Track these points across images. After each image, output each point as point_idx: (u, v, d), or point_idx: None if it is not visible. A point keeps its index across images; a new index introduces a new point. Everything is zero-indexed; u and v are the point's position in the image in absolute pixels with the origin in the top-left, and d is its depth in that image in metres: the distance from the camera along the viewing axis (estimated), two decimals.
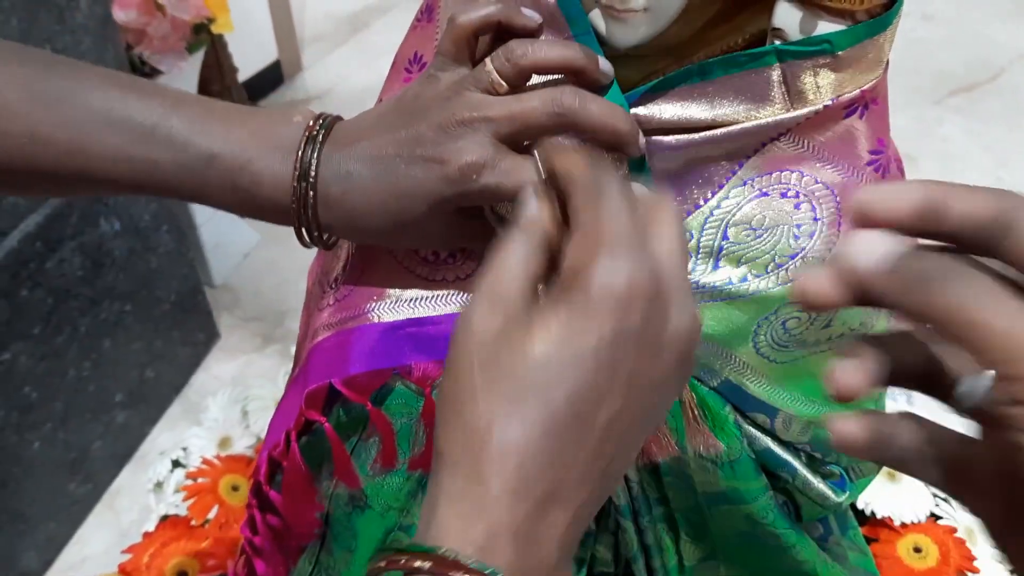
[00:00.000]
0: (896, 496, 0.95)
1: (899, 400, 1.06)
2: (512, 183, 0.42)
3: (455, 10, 0.45)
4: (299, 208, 0.44)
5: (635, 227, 0.31)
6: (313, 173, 0.44)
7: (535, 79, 0.45)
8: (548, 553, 0.29)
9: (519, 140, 0.43)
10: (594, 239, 0.30)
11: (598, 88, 0.44)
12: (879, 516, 0.94)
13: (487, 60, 0.43)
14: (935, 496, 0.97)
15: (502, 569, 0.28)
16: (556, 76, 0.45)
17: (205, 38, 1.40)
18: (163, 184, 0.45)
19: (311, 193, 0.44)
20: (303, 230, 0.46)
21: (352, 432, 0.52)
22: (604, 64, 0.44)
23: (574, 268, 0.30)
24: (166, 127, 0.44)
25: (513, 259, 0.32)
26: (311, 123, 0.45)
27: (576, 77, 0.44)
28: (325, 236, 0.46)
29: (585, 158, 0.34)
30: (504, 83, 0.43)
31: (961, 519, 0.95)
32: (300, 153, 0.44)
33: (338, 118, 0.47)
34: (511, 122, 0.42)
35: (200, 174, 0.44)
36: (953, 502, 0.96)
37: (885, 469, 0.77)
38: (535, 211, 0.33)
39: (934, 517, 0.96)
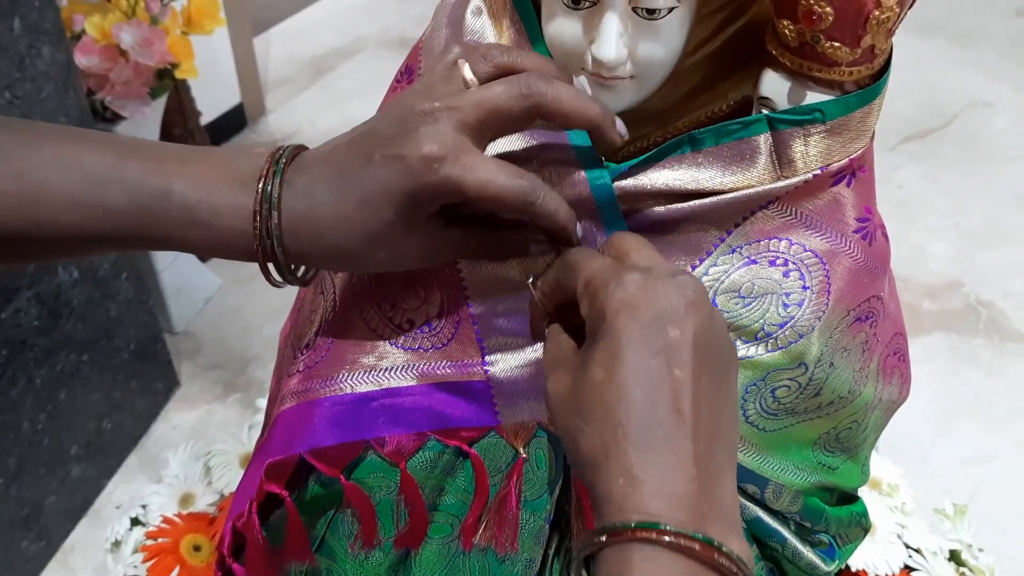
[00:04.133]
0: (870, 548, 0.94)
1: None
2: (474, 179, 0.39)
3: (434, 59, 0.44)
4: (262, 235, 0.42)
5: (607, 261, 0.39)
6: (276, 195, 0.42)
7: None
8: (722, 516, 0.34)
9: (488, 130, 0.41)
10: (588, 286, 0.38)
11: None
12: (853, 569, 0.94)
13: (459, 62, 0.41)
14: (908, 548, 0.97)
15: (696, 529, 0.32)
16: None
17: (168, 83, 1.38)
18: (120, 230, 0.43)
19: (274, 215, 0.41)
20: (269, 265, 0.43)
21: (328, 505, 0.50)
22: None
23: (588, 313, 0.38)
24: (120, 170, 0.42)
25: (554, 339, 0.41)
26: (275, 150, 0.43)
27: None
28: (293, 267, 0.44)
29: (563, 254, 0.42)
30: (477, 81, 0.41)
31: (935, 571, 0.95)
32: (262, 180, 0.42)
33: (303, 147, 0.44)
34: (477, 109, 0.40)
35: (156, 213, 0.42)
36: (927, 555, 0.96)
37: None
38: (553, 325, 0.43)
39: (908, 569, 0.95)
